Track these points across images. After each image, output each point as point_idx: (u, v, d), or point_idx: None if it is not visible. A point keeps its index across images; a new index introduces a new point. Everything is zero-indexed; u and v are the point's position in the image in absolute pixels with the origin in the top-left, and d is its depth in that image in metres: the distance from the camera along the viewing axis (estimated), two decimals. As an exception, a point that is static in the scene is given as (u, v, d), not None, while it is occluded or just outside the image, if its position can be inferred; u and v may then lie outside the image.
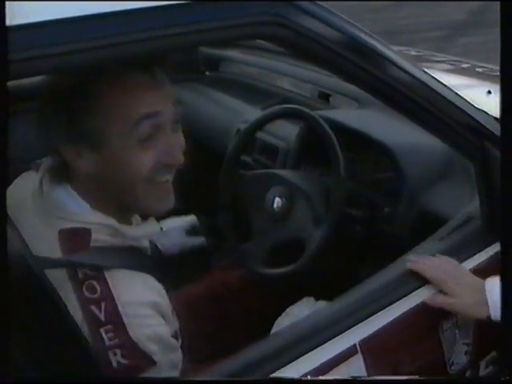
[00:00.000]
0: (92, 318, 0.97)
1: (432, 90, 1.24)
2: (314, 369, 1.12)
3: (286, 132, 1.91)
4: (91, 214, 1.04)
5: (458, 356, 1.34)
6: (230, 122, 2.14)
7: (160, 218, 1.58)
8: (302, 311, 1.40)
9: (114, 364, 0.97)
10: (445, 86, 1.29)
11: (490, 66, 2.31)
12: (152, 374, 1.01)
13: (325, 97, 2.12)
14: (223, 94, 2.39)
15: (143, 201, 1.06)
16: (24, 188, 1.08)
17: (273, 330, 1.39)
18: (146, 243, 1.14)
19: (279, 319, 1.42)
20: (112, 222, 1.04)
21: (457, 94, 1.31)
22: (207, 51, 2.55)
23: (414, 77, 1.22)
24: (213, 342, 1.50)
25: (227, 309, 1.64)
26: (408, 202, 1.60)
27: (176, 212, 1.64)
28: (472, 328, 1.35)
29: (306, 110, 1.68)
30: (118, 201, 1.06)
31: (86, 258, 1.01)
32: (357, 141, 1.71)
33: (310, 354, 1.14)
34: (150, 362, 1.00)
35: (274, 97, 2.21)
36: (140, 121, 0.98)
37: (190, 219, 1.66)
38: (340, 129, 1.66)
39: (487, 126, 1.34)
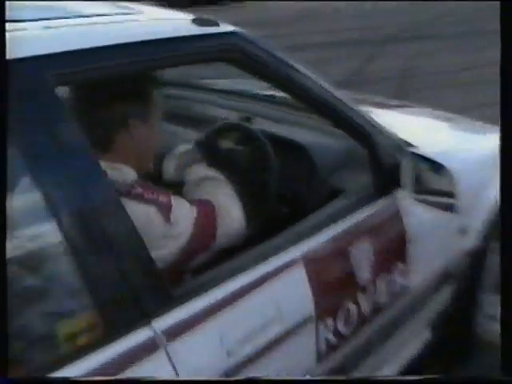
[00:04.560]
0: None
1: (340, 100, 1.99)
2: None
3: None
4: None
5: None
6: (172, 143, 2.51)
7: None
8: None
9: None
10: (348, 102, 2.04)
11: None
12: None
13: (247, 119, 2.77)
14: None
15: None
16: None
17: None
18: None
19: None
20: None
21: (352, 107, 2.06)
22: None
23: (322, 87, 1.95)
24: None
25: None
26: (320, 184, 2.31)
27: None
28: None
29: (247, 124, 2.36)
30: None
31: None
32: (282, 146, 2.39)
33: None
34: None
35: (209, 122, 2.71)
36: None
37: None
38: (270, 138, 2.33)
39: (372, 128, 2.10)
